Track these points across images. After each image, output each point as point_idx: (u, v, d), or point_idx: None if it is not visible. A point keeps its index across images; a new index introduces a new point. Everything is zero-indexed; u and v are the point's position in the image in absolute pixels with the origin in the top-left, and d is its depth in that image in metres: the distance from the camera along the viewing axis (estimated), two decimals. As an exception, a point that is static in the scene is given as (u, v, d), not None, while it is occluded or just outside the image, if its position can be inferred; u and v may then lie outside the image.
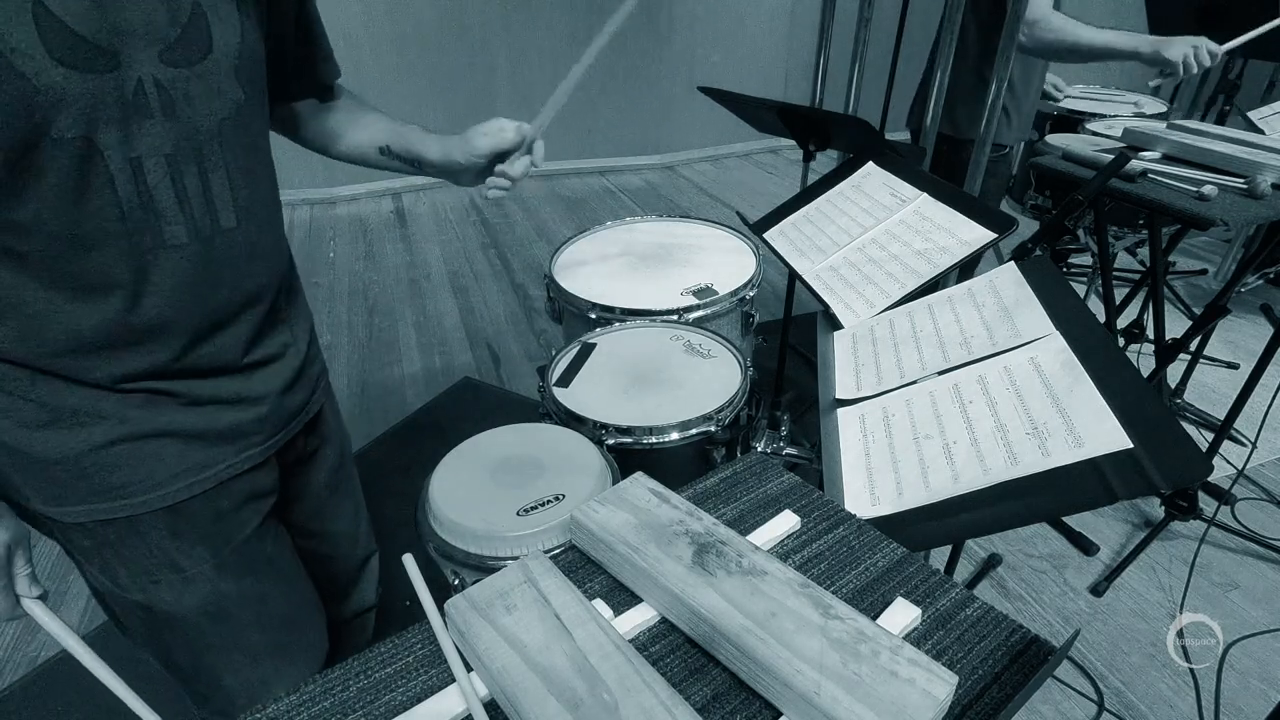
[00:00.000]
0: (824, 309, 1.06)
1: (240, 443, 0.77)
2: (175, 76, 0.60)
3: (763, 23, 4.46)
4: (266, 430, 0.79)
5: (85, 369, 0.65)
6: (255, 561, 0.82)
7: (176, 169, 0.63)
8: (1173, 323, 2.29)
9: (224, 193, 0.67)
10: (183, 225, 0.64)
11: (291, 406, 0.83)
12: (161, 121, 0.60)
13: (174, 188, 0.63)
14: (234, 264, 0.70)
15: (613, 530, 0.58)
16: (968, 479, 0.66)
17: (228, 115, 0.66)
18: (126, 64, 0.57)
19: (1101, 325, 0.75)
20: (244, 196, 0.70)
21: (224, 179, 0.67)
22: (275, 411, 0.80)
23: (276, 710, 0.48)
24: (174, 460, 0.72)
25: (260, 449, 0.79)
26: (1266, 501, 1.91)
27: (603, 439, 1.10)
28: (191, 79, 0.62)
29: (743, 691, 0.49)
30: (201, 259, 0.67)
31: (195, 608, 0.79)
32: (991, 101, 1.61)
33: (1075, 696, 1.44)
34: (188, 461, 0.73)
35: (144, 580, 0.75)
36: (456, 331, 2.80)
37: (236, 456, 0.77)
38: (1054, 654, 0.49)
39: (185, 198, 0.64)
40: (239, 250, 0.70)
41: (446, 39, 3.87)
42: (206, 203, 0.66)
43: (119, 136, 0.58)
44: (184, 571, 0.76)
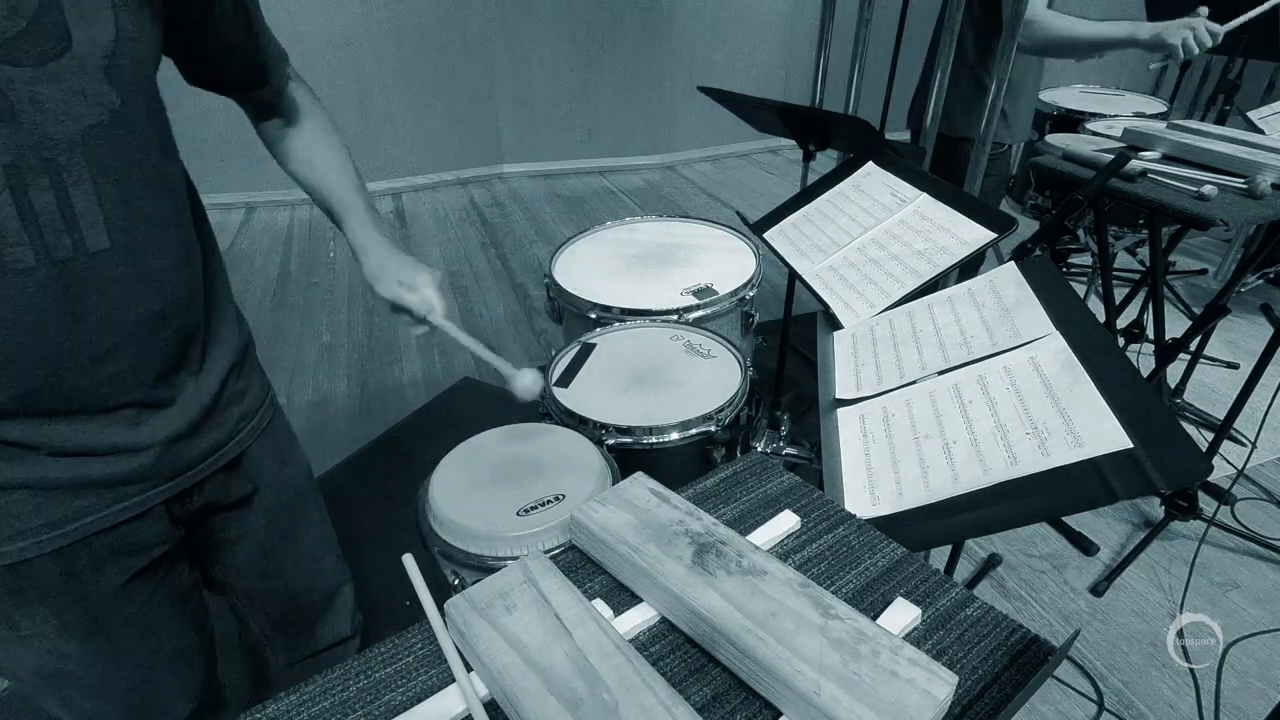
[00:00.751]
0: (824, 309, 1.06)
1: (112, 493, 0.68)
2: (15, 76, 0.52)
3: (763, 23, 4.47)
4: (152, 481, 0.70)
5: None
6: (110, 620, 0.73)
7: (19, 182, 0.54)
8: (1173, 323, 2.29)
9: (91, 210, 0.58)
10: (27, 246, 0.56)
11: (187, 456, 0.73)
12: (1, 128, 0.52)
13: (15, 204, 0.54)
14: (107, 290, 0.61)
15: (613, 530, 0.58)
16: (968, 479, 0.66)
17: (96, 122, 0.57)
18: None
19: (1101, 325, 0.75)
20: (122, 214, 0.60)
21: (90, 194, 0.58)
22: (163, 461, 0.70)
23: (276, 710, 0.48)
24: (25, 516, 0.64)
25: (139, 499, 0.70)
26: (1266, 501, 1.91)
27: (603, 439, 1.10)
28: (39, 80, 0.53)
29: (743, 691, 0.49)
30: (56, 285, 0.58)
31: (30, 669, 0.71)
32: (991, 101, 1.62)
33: (1075, 696, 1.44)
34: (41, 517, 0.65)
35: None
36: (456, 331, 2.80)
37: (106, 509, 0.68)
38: (1054, 654, 0.49)
39: (32, 215, 0.55)
40: (116, 274, 0.61)
41: (446, 39, 3.87)
42: (65, 221, 0.57)
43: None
44: (19, 630, 0.68)
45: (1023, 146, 2.39)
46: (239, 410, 0.80)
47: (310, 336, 2.74)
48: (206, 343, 0.75)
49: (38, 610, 0.68)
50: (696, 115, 4.52)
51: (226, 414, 0.78)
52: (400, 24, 3.76)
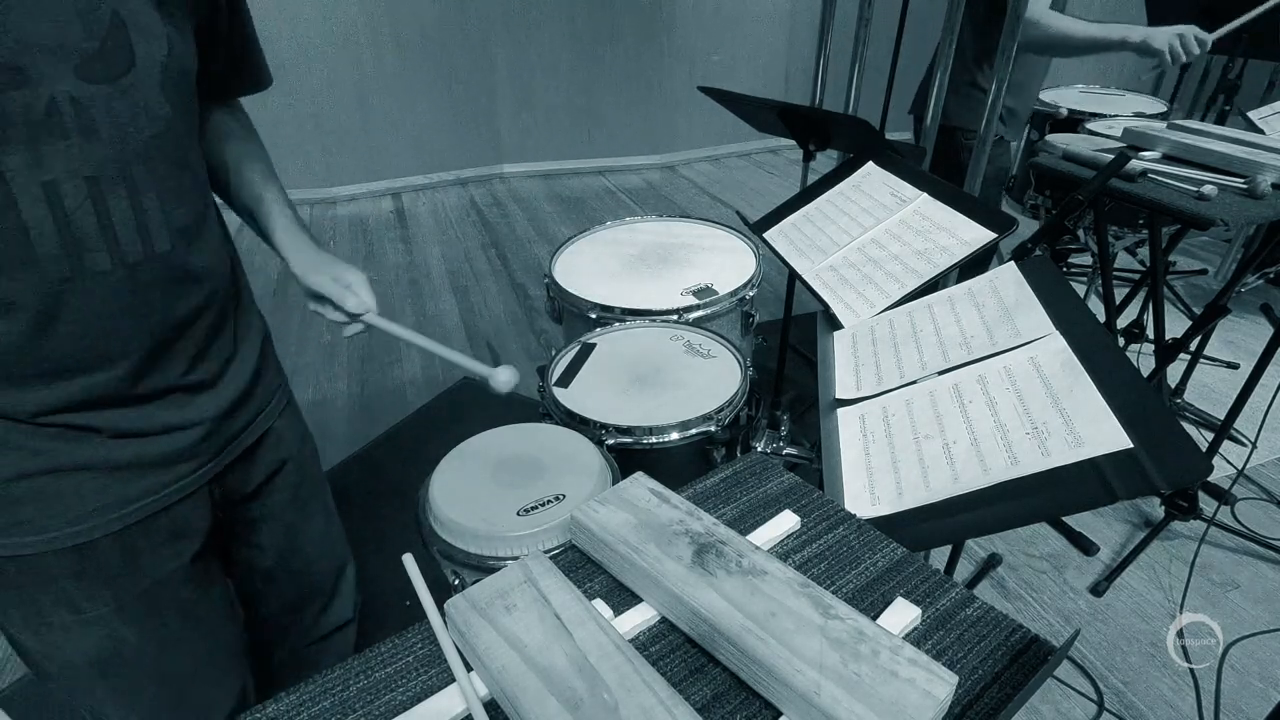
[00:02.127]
0: (824, 309, 1.06)
1: (169, 472, 0.72)
2: (95, 94, 0.56)
3: (763, 23, 4.46)
4: (201, 456, 0.75)
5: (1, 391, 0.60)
6: (163, 605, 0.76)
7: (99, 192, 0.58)
8: (1173, 323, 2.29)
9: (156, 215, 0.63)
10: (105, 252, 0.60)
11: (230, 430, 0.78)
12: (80, 142, 0.56)
13: (96, 213, 0.58)
14: (165, 289, 0.66)
15: (613, 530, 0.58)
16: (968, 479, 0.66)
17: (157, 133, 0.61)
18: (36, 80, 0.53)
19: (1101, 325, 0.75)
20: (178, 217, 0.65)
21: (155, 200, 0.62)
22: (211, 436, 0.75)
23: (277, 710, 0.48)
24: (91, 496, 0.67)
25: (192, 478, 0.74)
26: (1266, 501, 1.91)
27: (603, 439, 1.10)
28: (114, 95, 0.57)
29: (743, 691, 0.49)
30: (128, 286, 0.62)
31: (87, 654, 0.73)
32: (992, 101, 1.61)
33: (1075, 696, 1.43)
34: (107, 496, 0.68)
35: (36, 622, 0.70)
36: (456, 331, 2.80)
37: (164, 489, 0.72)
38: (1054, 654, 0.49)
39: (110, 223, 0.59)
40: (172, 274, 0.66)
41: (446, 39, 3.87)
42: (139, 228, 0.61)
43: (26, 159, 0.54)
44: (82, 613, 0.71)
45: (1023, 145, 2.39)
46: (267, 389, 0.86)
47: (310, 336, 2.74)
48: (239, 329, 0.80)
49: (100, 593, 0.71)
50: (696, 115, 4.52)
51: (258, 392, 0.83)
52: (400, 24, 3.76)
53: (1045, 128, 2.33)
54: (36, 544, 0.66)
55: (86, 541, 0.68)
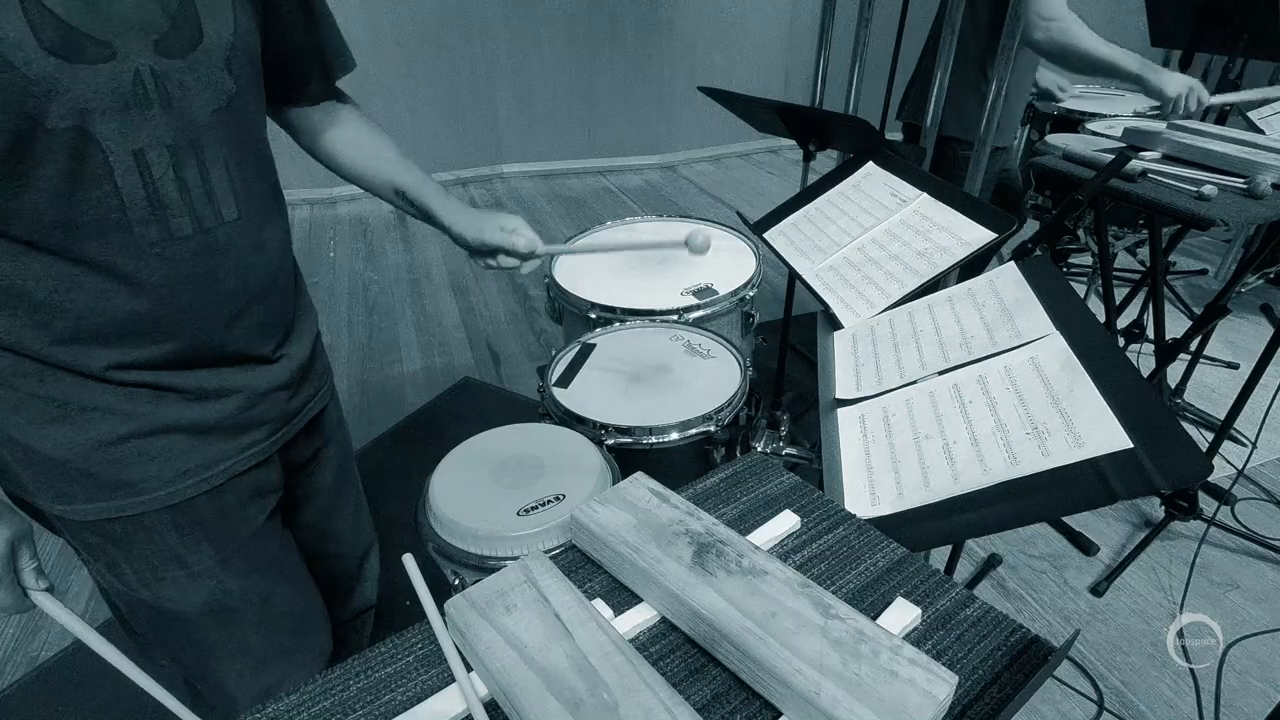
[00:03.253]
0: (824, 309, 1.06)
1: (245, 438, 0.77)
2: (170, 67, 0.60)
3: (763, 23, 4.46)
4: (271, 426, 0.80)
5: (92, 359, 0.65)
6: (260, 560, 0.82)
7: (178, 160, 0.63)
8: (1173, 323, 2.29)
9: (224, 184, 0.67)
10: (188, 217, 0.65)
11: (295, 404, 0.83)
12: (160, 112, 0.60)
13: (176, 179, 0.63)
14: (238, 256, 0.70)
15: (613, 530, 0.58)
16: (968, 479, 0.66)
17: (220, 106, 0.65)
18: (123, 55, 0.57)
19: (1101, 325, 0.75)
20: (244, 188, 0.70)
21: (223, 170, 0.67)
22: (279, 408, 0.80)
23: (277, 710, 0.48)
24: (181, 457, 0.72)
25: (265, 444, 0.79)
26: (1266, 501, 1.91)
27: (603, 439, 1.10)
28: (185, 69, 0.61)
29: (743, 691, 0.49)
30: (206, 250, 0.67)
31: (200, 605, 0.78)
32: (991, 103, 1.62)
33: (1075, 696, 1.43)
34: (195, 458, 0.73)
35: (149, 577, 0.75)
36: (456, 331, 2.80)
37: (242, 453, 0.77)
38: (1054, 654, 0.49)
39: (186, 189, 0.64)
40: (242, 242, 0.70)
41: (447, 39, 3.87)
42: (207, 194, 0.66)
43: (118, 127, 0.58)
44: (190, 568, 0.76)
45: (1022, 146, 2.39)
46: (322, 368, 0.90)
47: (310, 336, 2.74)
48: (298, 307, 0.85)
49: (203, 546, 0.76)
50: (696, 115, 4.51)
51: (314, 369, 0.87)
52: (400, 24, 3.76)
53: (1045, 128, 2.33)
54: (137, 505, 0.71)
55: (183, 500, 0.73)
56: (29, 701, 1.43)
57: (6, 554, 0.64)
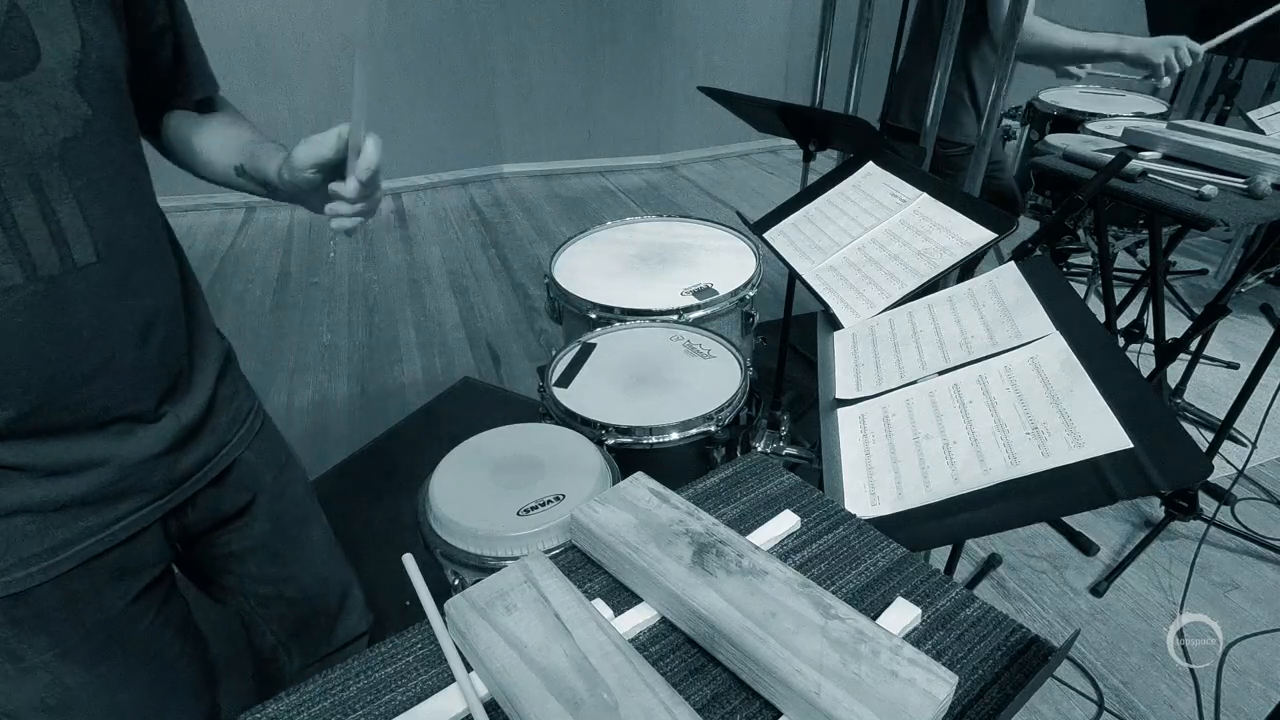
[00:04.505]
0: (824, 309, 1.06)
1: (110, 512, 0.67)
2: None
3: (763, 23, 4.46)
4: (148, 494, 0.70)
5: None
6: (113, 645, 0.72)
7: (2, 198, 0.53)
8: (1173, 323, 2.29)
9: (76, 223, 0.58)
10: (14, 264, 0.55)
11: (185, 466, 0.73)
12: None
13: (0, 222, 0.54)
14: (95, 305, 0.60)
15: (613, 530, 0.58)
16: (968, 479, 0.66)
17: (72, 135, 0.56)
18: None
19: (1101, 325, 0.75)
20: (106, 227, 0.60)
21: (74, 208, 0.57)
22: (161, 474, 0.70)
23: (277, 710, 0.48)
24: (24, 542, 0.63)
25: (136, 516, 0.69)
26: (1266, 501, 1.91)
27: (603, 439, 1.10)
28: (14, 93, 0.52)
29: (743, 691, 0.49)
30: (45, 302, 0.57)
31: (33, 701, 0.69)
32: (992, 101, 1.62)
33: (1075, 696, 1.43)
34: (42, 543, 0.63)
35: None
36: (456, 331, 2.80)
37: (106, 529, 0.67)
38: (1054, 654, 0.49)
39: (16, 232, 0.54)
40: (102, 289, 0.61)
41: (446, 39, 3.87)
42: (52, 236, 0.56)
43: None
44: (23, 661, 0.67)
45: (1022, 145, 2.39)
46: (227, 418, 0.79)
47: (310, 336, 2.74)
48: (193, 352, 0.74)
49: (39, 639, 0.67)
50: (696, 115, 4.51)
51: (216, 422, 0.77)
52: (400, 24, 3.76)
53: (1045, 128, 2.33)
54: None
55: (21, 590, 0.64)
56: None
57: None
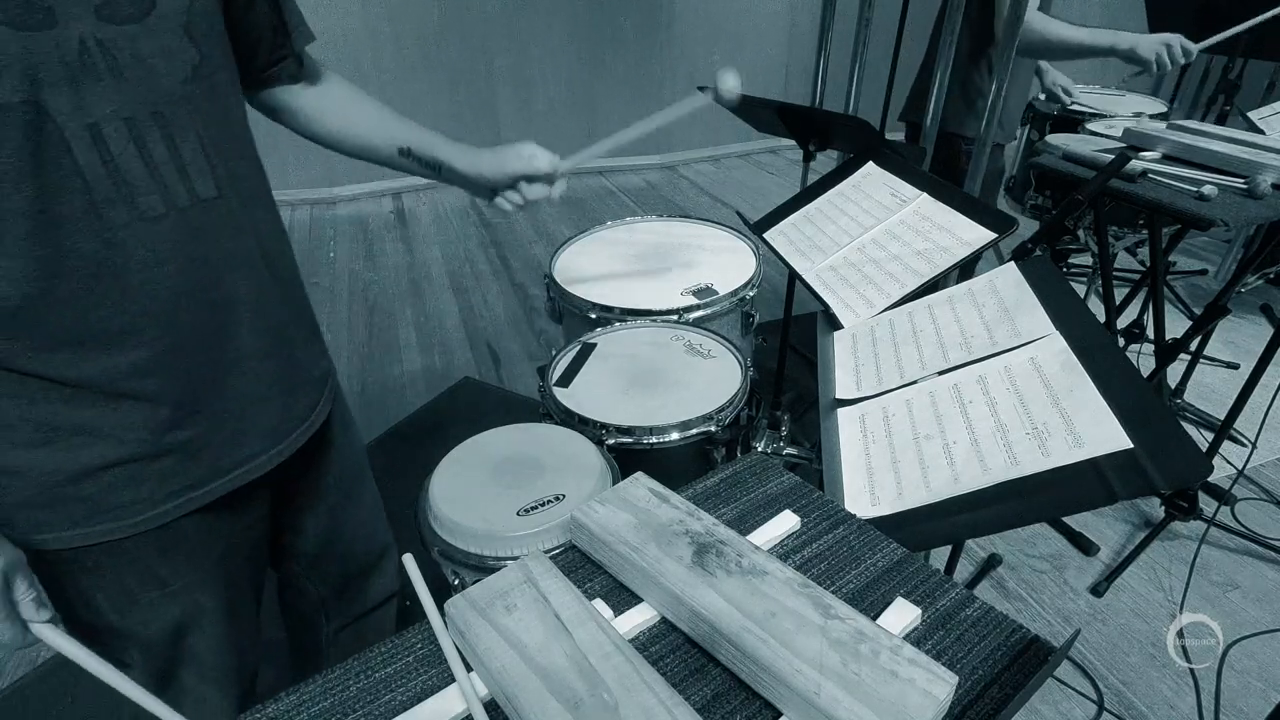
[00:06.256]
0: (824, 309, 1.06)
1: (241, 452, 0.74)
2: (117, 34, 0.56)
3: (763, 23, 4.46)
4: (270, 439, 0.76)
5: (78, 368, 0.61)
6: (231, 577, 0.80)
7: (139, 134, 0.58)
8: (1173, 323, 2.29)
9: (198, 159, 0.63)
10: (157, 195, 0.60)
11: (296, 414, 0.80)
12: (112, 83, 0.56)
13: (140, 155, 0.59)
14: (222, 239, 0.66)
15: (613, 530, 0.58)
16: (968, 479, 0.66)
17: (185, 77, 0.61)
18: (63, 20, 0.53)
19: (1101, 325, 0.75)
20: (221, 164, 0.65)
21: (195, 144, 0.62)
22: (280, 420, 0.77)
23: (277, 710, 0.48)
24: (177, 476, 0.70)
25: (265, 458, 0.76)
26: (1266, 501, 1.91)
27: (603, 439, 1.10)
28: (139, 36, 0.57)
29: (743, 691, 0.49)
30: (181, 232, 0.62)
31: (170, 624, 0.76)
32: (991, 101, 1.62)
33: (1075, 696, 1.43)
34: (190, 477, 0.71)
35: (122, 602, 0.72)
36: (456, 331, 2.80)
37: (239, 469, 0.74)
38: (1054, 654, 0.49)
39: (153, 165, 0.60)
40: (224, 222, 0.66)
41: (446, 39, 3.87)
42: (179, 170, 0.61)
43: (70, 100, 0.54)
44: (167, 587, 0.74)
45: (1023, 145, 2.39)
46: (320, 370, 0.86)
47: (310, 336, 2.73)
48: (300, 301, 0.81)
49: (182, 567, 0.74)
50: (696, 115, 4.48)
51: (313, 372, 0.84)
52: (400, 24, 3.76)
53: (1045, 128, 2.33)
54: (125, 528, 0.68)
55: (170, 521, 0.71)
56: (29, 701, 1.43)
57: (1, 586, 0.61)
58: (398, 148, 0.89)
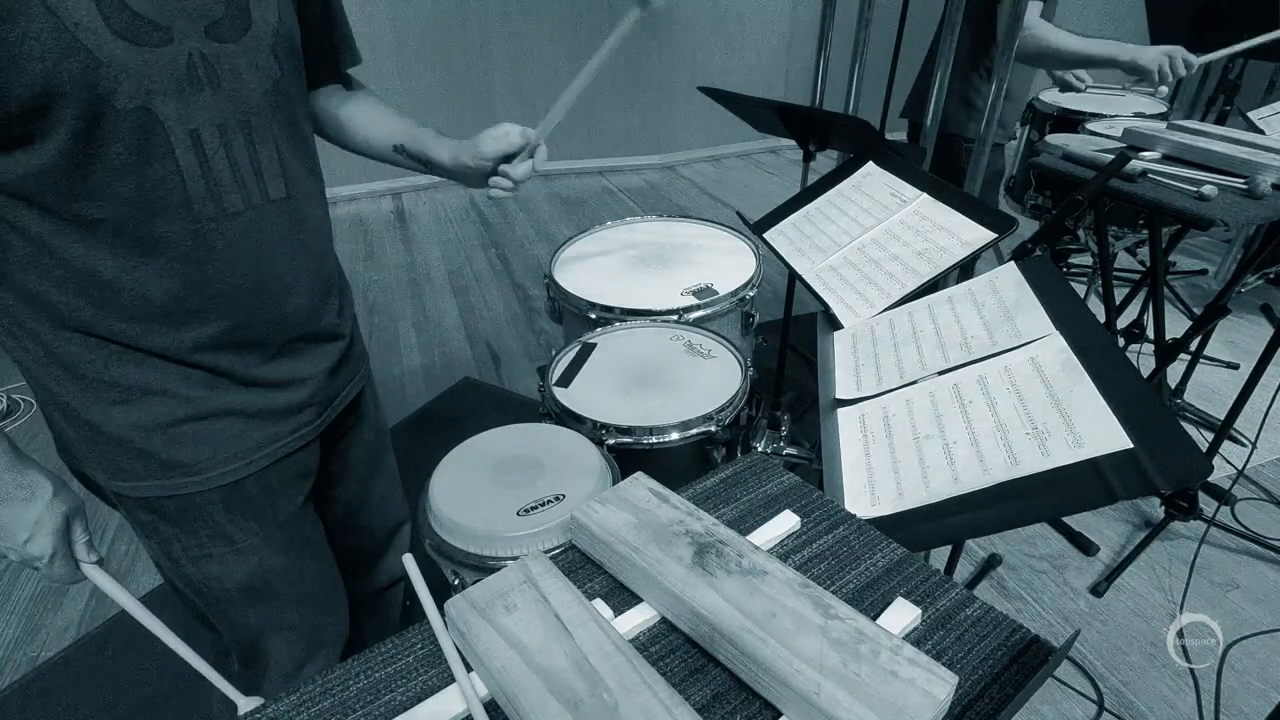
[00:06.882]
0: (824, 309, 1.06)
1: (293, 421, 0.81)
2: (220, 51, 0.65)
3: (763, 23, 4.46)
4: (316, 409, 0.84)
5: (155, 336, 0.68)
6: (296, 539, 0.86)
7: (228, 140, 0.67)
8: (1173, 323, 2.29)
9: (272, 164, 0.71)
10: (238, 194, 0.68)
11: (337, 387, 0.87)
12: (211, 94, 0.64)
13: (228, 158, 0.67)
14: (285, 234, 0.74)
15: (613, 530, 0.58)
16: (968, 479, 0.66)
17: (268, 90, 0.70)
18: (179, 38, 0.61)
19: (1101, 325, 0.75)
20: (291, 168, 0.74)
21: (272, 151, 0.71)
22: (323, 392, 0.84)
23: (276, 710, 0.48)
24: (235, 439, 0.76)
25: (311, 427, 0.83)
26: (1266, 501, 1.91)
27: (603, 439, 1.10)
28: (237, 53, 0.66)
29: (743, 691, 0.49)
30: (254, 227, 0.70)
31: (242, 580, 0.82)
32: (991, 101, 1.62)
33: (1075, 696, 1.43)
34: (248, 440, 0.77)
35: (197, 554, 0.79)
36: (456, 331, 2.80)
37: (290, 435, 0.81)
38: (1054, 654, 0.49)
39: (237, 167, 0.68)
40: (289, 220, 0.74)
41: (447, 39, 3.87)
42: (256, 173, 0.70)
43: (177, 108, 0.62)
44: (235, 544, 0.80)
45: (1023, 145, 2.39)
46: (359, 349, 0.94)
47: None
48: (342, 289, 0.89)
49: (249, 524, 0.80)
50: (696, 115, 4.51)
51: (354, 351, 0.91)
52: (399, 24, 3.76)
53: (1045, 128, 2.33)
54: (191, 484, 0.75)
55: (234, 481, 0.77)
56: (29, 701, 1.43)
57: (62, 528, 0.69)
58: (393, 145, 0.94)
